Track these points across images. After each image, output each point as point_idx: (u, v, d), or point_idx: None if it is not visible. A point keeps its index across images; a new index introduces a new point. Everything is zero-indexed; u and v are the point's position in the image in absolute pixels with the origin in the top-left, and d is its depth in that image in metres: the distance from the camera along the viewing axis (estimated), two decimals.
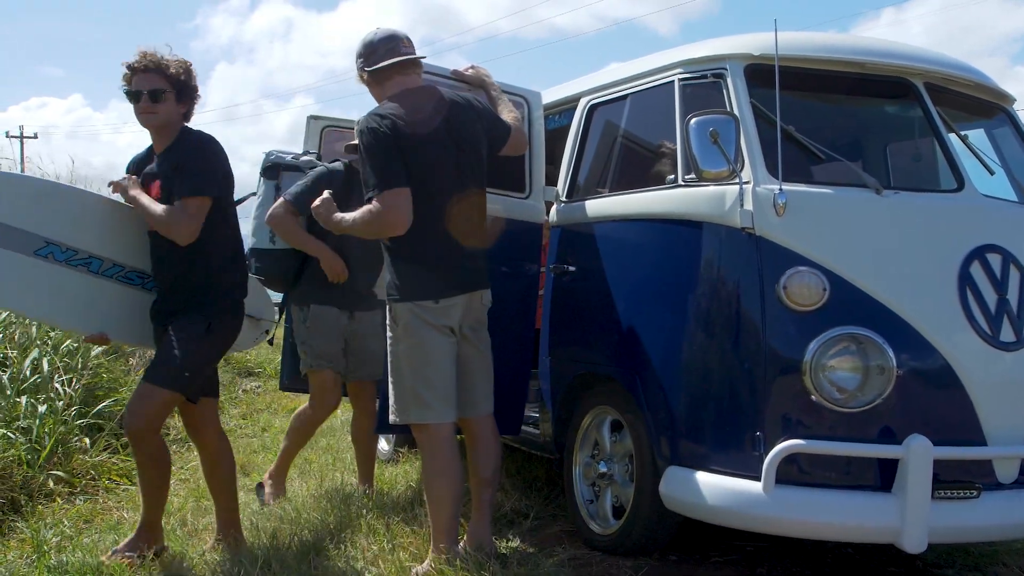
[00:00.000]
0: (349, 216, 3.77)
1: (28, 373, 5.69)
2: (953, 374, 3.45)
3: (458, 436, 4.03)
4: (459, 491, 3.80)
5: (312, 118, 5.83)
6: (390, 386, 3.83)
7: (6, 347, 5.89)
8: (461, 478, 3.83)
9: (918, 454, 3.30)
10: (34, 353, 5.91)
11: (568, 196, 4.50)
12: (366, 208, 3.67)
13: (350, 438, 5.33)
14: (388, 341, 3.81)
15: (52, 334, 6.44)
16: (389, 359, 3.82)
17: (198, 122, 4.21)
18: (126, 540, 3.97)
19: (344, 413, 8.47)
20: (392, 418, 3.81)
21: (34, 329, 6.37)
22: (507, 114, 4.08)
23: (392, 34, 3.84)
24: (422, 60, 3.90)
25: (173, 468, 6.00)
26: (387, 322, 3.81)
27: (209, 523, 4.44)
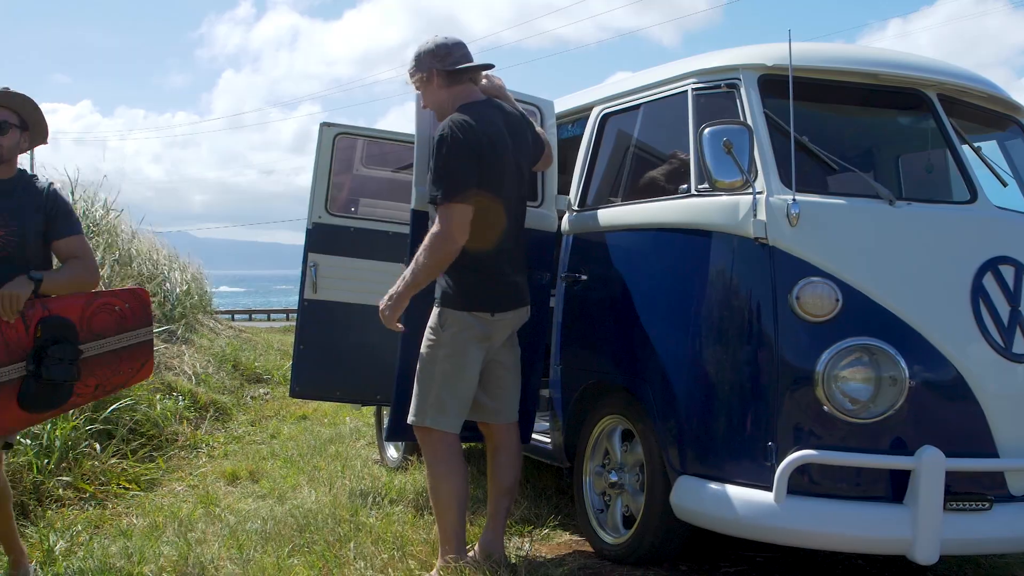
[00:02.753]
0: (410, 268, 3.68)
1: None
2: (965, 386, 3.44)
3: (477, 444, 4.07)
4: (465, 496, 3.83)
5: (325, 125, 5.85)
6: (415, 386, 3.83)
7: None
8: (466, 483, 3.86)
9: (930, 466, 3.29)
10: None
11: (580, 205, 4.51)
12: (429, 236, 3.63)
13: None
14: (427, 342, 3.82)
15: None
16: (423, 360, 3.82)
17: (205, 129, 4.24)
18: None
19: (353, 420, 8.51)
20: (410, 418, 3.84)
21: None
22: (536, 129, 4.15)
23: (461, 41, 3.88)
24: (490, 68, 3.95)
25: (181, 474, 6.06)
26: (433, 324, 3.81)
27: (218, 531, 4.44)
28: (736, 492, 3.46)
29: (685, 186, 3.85)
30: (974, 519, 3.41)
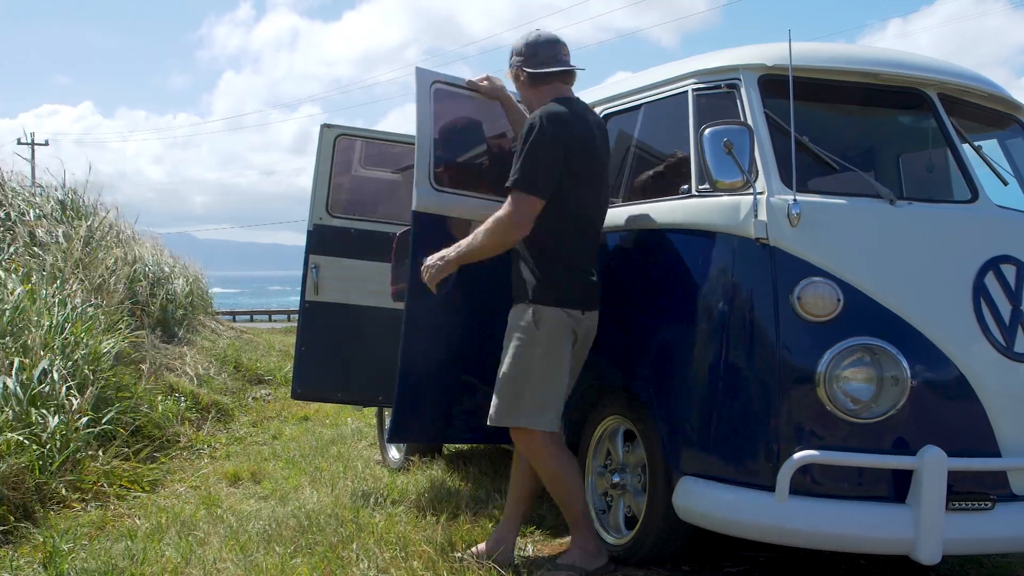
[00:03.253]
0: (467, 241, 3.76)
1: (39, 380, 5.70)
2: (967, 385, 3.44)
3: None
4: (581, 477, 3.95)
5: (325, 126, 5.85)
6: (504, 386, 3.83)
7: (19, 354, 5.90)
8: (578, 467, 3.94)
9: (932, 465, 3.29)
10: (44, 363, 5.91)
11: None
12: (492, 218, 3.70)
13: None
14: (517, 341, 3.81)
15: (66, 340, 6.45)
16: (514, 359, 3.80)
17: (205, 130, 4.24)
18: None
19: (355, 421, 8.51)
20: (496, 420, 3.85)
21: (45, 328, 6.37)
22: None
23: (555, 39, 3.93)
24: (578, 70, 3.97)
25: (183, 475, 6.06)
26: (522, 323, 3.81)
27: (220, 532, 4.44)
28: (738, 492, 3.46)
29: (686, 186, 3.85)
30: (977, 519, 3.41)
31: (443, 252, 3.82)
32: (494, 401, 3.86)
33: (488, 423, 3.87)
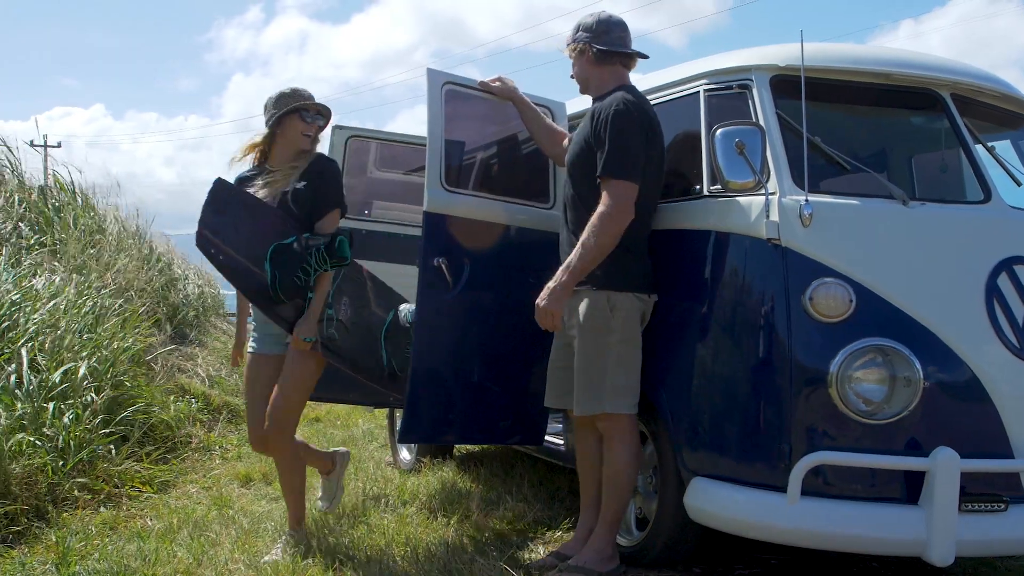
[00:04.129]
0: (576, 255, 3.69)
1: (57, 380, 5.71)
2: (980, 386, 3.43)
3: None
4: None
5: (337, 128, 5.86)
6: (585, 375, 3.82)
7: (36, 353, 5.91)
8: None
9: (945, 466, 3.28)
10: (70, 362, 5.93)
11: None
12: (596, 216, 3.66)
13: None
14: (592, 329, 3.79)
15: (79, 340, 6.47)
16: (591, 348, 3.79)
17: (216, 133, 4.21)
18: None
19: (365, 423, 8.51)
20: (576, 409, 3.85)
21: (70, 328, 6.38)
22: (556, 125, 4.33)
23: (625, 23, 3.97)
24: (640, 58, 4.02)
25: (195, 476, 6.07)
26: (596, 310, 3.78)
27: (232, 533, 4.45)
28: (750, 493, 3.46)
29: (697, 187, 3.85)
30: (989, 520, 3.40)
31: (549, 285, 3.74)
32: (576, 394, 3.84)
33: (576, 413, 3.88)
